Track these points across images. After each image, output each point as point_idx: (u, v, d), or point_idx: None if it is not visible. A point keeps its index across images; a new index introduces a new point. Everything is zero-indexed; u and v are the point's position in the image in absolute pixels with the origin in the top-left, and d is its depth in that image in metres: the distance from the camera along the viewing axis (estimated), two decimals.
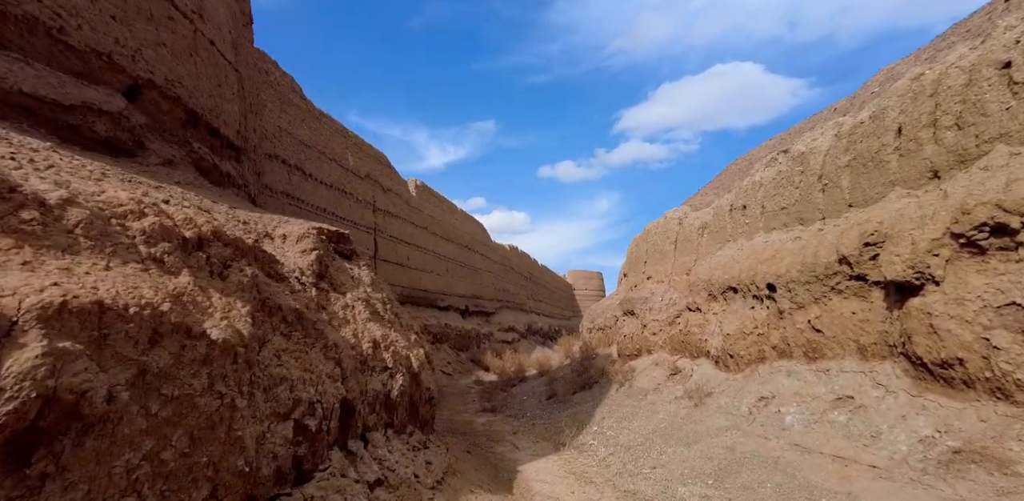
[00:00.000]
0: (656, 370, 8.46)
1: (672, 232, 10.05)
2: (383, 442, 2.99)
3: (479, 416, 9.07)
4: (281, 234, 3.21)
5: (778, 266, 6.10)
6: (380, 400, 3.13)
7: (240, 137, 4.06)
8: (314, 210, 10.66)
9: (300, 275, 2.90)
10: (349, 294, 3.41)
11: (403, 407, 3.38)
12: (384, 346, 3.37)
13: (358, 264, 4.04)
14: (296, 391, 2.37)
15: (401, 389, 3.34)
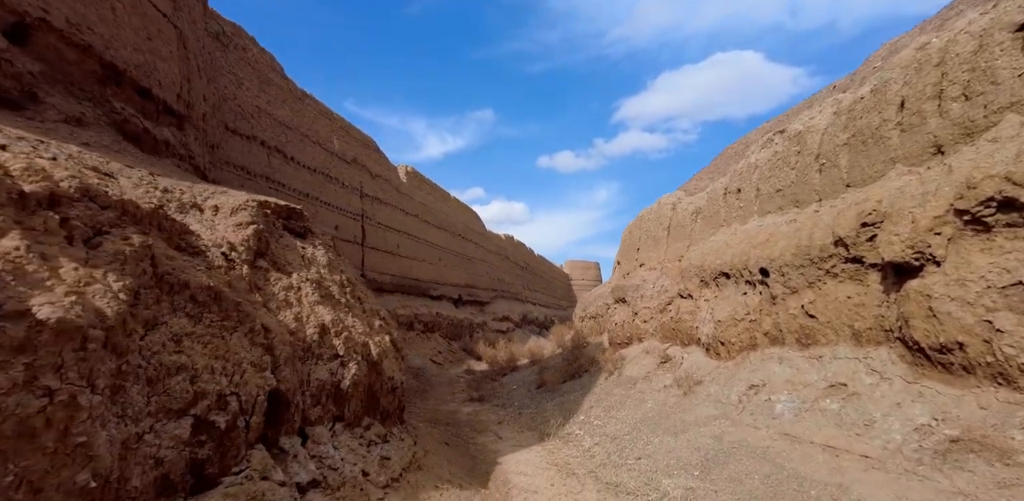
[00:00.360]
0: (646, 358, 8.28)
1: (665, 218, 9.80)
2: (328, 437, 2.74)
3: (465, 406, 8.89)
4: (212, 205, 2.90)
5: (771, 250, 5.86)
6: (327, 391, 2.91)
7: (182, 103, 3.73)
8: (296, 194, 10.33)
9: (229, 251, 2.60)
10: (296, 274, 3.12)
11: (357, 398, 3.13)
12: (335, 332, 3.11)
13: (313, 243, 3.75)
14: (200, 382, 2.07)
15: (355, 378, 3.08)
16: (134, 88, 3.38)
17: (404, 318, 14.32)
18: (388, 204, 15.08)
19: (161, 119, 3.52)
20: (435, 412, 7.96)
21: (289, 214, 3.61)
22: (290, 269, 3.13)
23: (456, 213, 21.95)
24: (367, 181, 13.85)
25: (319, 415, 2.77)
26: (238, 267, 2.59)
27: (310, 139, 11.08)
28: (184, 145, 3.70)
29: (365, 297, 4.27)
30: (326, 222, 11.49)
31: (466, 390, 9.85)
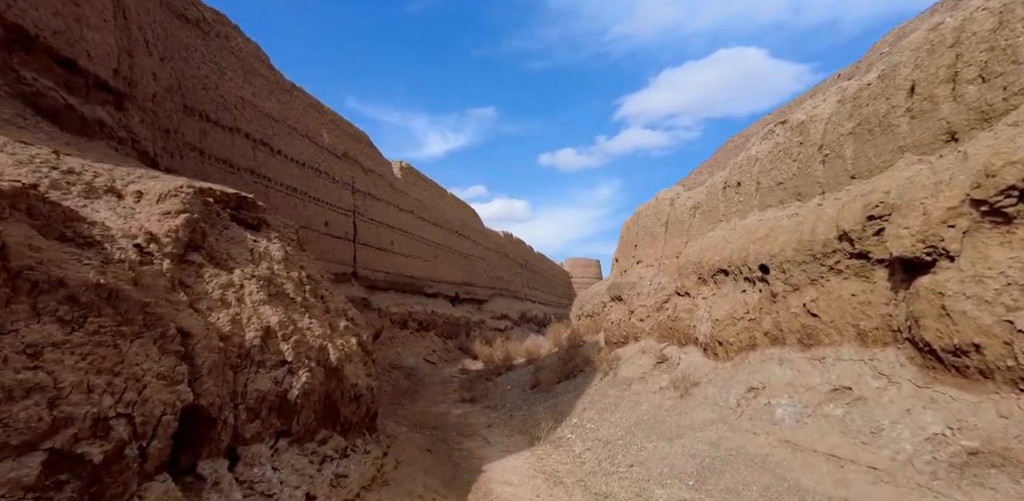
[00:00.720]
0: (642, 358, 8.01)
1: (663, 213, 9.50)
2: (267, 457, 2.43)
3: (456, 407, 8.63)
4: (135, 191, 2.59)
5: (772, 245, 5.57)
6: (269, 403, 2.58)
7: (122, 79, 3.42)
8: (283, 189, 10.06)
9: (147, 243, 2.29)
10: (240, 271, 2.81)
11: (310, 409, 2.82)
12: (283, 335, 2.80)
13: (268, 236, 3.45)
14: (65, 405, 1.66)
15: (306, 387, 2.77)
16: (52, 57, 3.05)
17: (397, 316, 14.07)
18: (382, 200, 14.80)
19: (92, 96, 3.22)
20: (423, 415, 7.70)
21: (239, 203, 3.30)
22: (232, 265, 2.84)
23: (453, 210, 21.66)
24: (359, 176, 13.57)
25: (257, 431, 2.46)
26: (157, 261, 2.29)
27: (298, 132, 10.80)
28: (125, 127, 3.40)
29: (330, 296, 3.99)
30: (315, 218, 11.22)
31: (458, 390, 9.60)
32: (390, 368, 11.32)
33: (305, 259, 3.91)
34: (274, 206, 9.74)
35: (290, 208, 10.28)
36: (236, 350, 2.44)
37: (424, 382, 11.27)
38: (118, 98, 3.37)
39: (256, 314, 2.68)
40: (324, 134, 11.93)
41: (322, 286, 3.90)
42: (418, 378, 11.48)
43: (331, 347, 3.20)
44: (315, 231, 11.18)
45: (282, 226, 3.96)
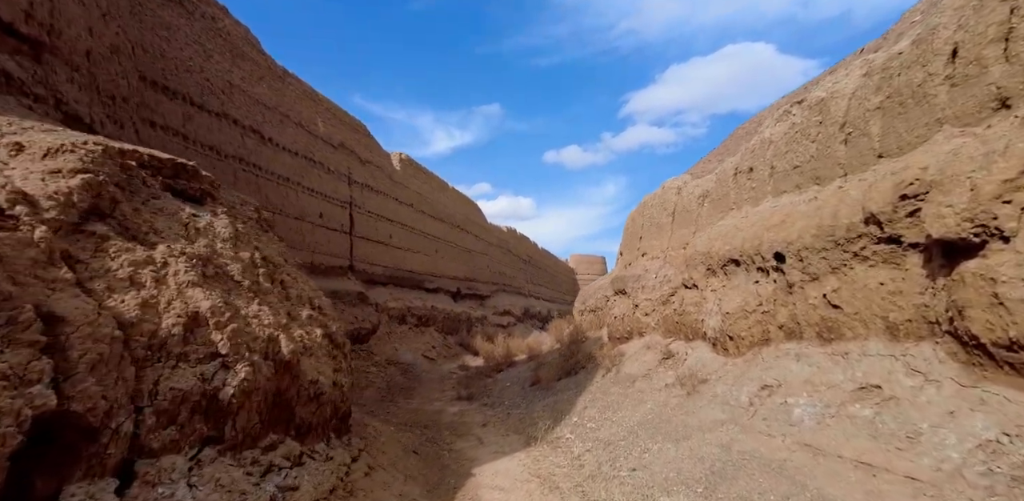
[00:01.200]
0: (647, 354, 7.60)
1: (670, 203, 9.06)
2: (183, 471, 2.00)
3: (452, 405, 8.28)
4: (13, 143, 2.17)
5: (788, 232, 5.13)
6: (192, 404, 2.15)
7: (37, 25, 3.00)
8: (274, 179, 9.72)
9: (11, 204, 1.84)
10: (163, 247, 2.41)
11: (251, 410, 2.41)
12: (217, 323, 2.40)
13: (215, 211, 3.05)
14: None
15: (246, 385, 2.35)
16: None
17: (395, 311, 13.73)
18: (380, 192, 14.44)
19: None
20: (417, 413, 7.35)
21: (176, 172, 2.88)
22: (155, 240, 2.44)
23: (455, 204, 21.28)
24: (356, 167, 13.21)
25: (172, 440, 2.04)
26: (24, 229, 1.88)
27: (291, 120, 10.45)
28: (44, 83, 3.01)
29: (293, 282, 3.62)
30: (309, 209, 10.88)
31: (456, 388, 9.24)
32: (386, 364, 10.99)
33: (265, 240, 3.53)
34: (265, 195, 9.41)
35: (282, 198, 9.94)
36: (144, 340, 2.05)
37: (421, 379, 10.93)
38: (35, 48, 2.98)
39: (181, 297, 2.28)
40: (319, 123, 11.58)
41: (283, 270, 3.52)
42: (415, 374, 11.14)
43: (285, 338, 2.81)
44: (309, 222, 10.85)
45: (237, 202, 3.58)
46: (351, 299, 11.46)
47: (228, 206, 3.27)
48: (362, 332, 11.04)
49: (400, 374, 10.75)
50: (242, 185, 8.64)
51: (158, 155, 2.82)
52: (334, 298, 10.96)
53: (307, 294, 3.82)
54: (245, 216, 3.52)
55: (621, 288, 9.26)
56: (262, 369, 2.51)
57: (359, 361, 10.16)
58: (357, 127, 13.55)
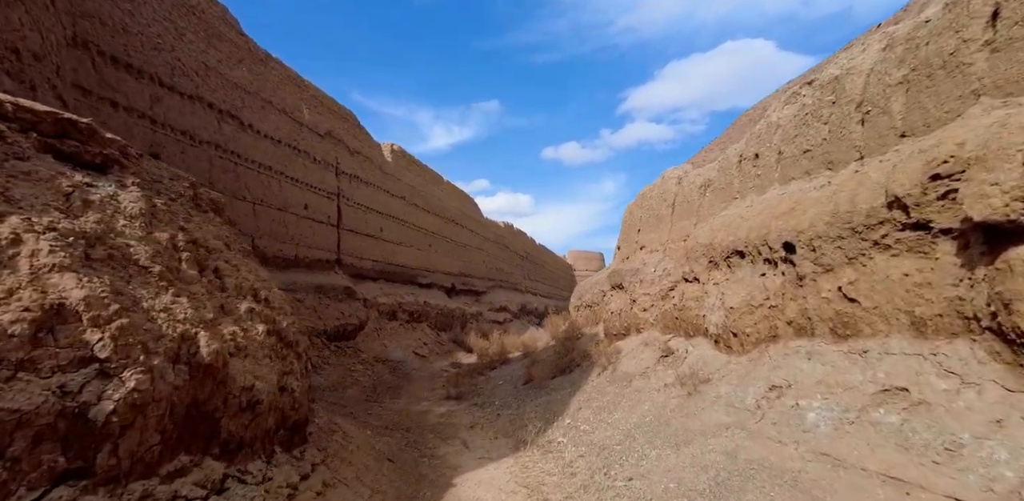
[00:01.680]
0: (645, 351, 7.21)
1: (670, 193, 8.64)
2: None
3: (440, 405, 7.88)
4: None
5: (799, 220, 4.73)
6: (38, 430, 1.65)
7: None
8: (255, 167, 9.25)
9: None
10: (16, 219, 1.90)
11: (146, 430, 1.85)
12: (91, 319, 1.91)
13: (122, 182, 2.57)
14: None
15: (134, 399, 1.87)
16: None
17: (386, 307, 13.31)
18: (370, 184, 13.97)
19: None
20: (401, 414, 6.95)
21: (60, 129, 2.33)
22: (8, 210, 1.98)
23: (449, 197, 20.81)
24: (344, 157, 12.73)
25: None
26: None
27: (274, 106, 9.96)
28: None
29: (232, 270, 3.16)
30: (293, 200, 10.41)
31: (446, 386, 8.84)
32: (374, 361, 10.58)
33: (199, 221, 3.06)
34: (244, 185, 8.95)
35: (264, 188, 9.48)
36: None
37: (411, 377, 10.53)
38: None
39: (36, 285, 1.81)
40: (304, 110, 11.09)
41: (219, 256, 3.05)
42: (404, 372, 10.74)
43: (206, 336, 2.35)
44: (293, 214, 10.39)
45: (166, 176, 3.10)
46: (337, 294, 11.03)
47: (147, 179, 2.80)
48: (348, 328, 10.62)
49: (388, 372, 10.35)
50: (219, 173, 8.18)
51: (31, 107, 2.33)
52: (319, 293, 10.53)
53: (250, 284, 3.37)
54: (173, 192, 3.06)
55: (618, 282, 8.86)
56: (166, 375, 2.06)
57: (344, 358, 9.75)
58: (346, 116, 13.06)
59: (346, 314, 10.80)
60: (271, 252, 9.52)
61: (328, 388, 7.60)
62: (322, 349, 9.35)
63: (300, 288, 9.96)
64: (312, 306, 9.84)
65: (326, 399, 6.85)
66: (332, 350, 9.66)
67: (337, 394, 7.41)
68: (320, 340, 9.54)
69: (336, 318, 10.38)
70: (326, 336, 9.84)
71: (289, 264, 10.23)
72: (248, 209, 9.00)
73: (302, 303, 9.60)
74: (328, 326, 9.98)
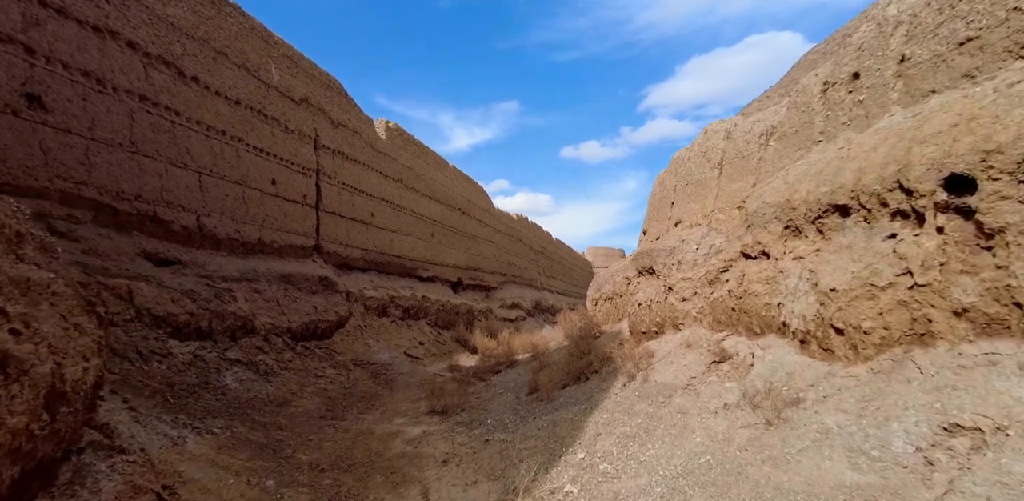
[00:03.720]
0: (688, 355, 5.28)
1: (715, 151, 6.68)
2: None
3: (417, 423, 6.11)
4: None
5: (980, 136, 2.76)
6: None
7: None
8: (202, 130, 7.64)
9: None
10: None
11: None
12: None
13: None
14: None
15: None
16: None
17: (375, 301, 11.64)
18: (358, 162, 12.33)
19: None
20: (356, 440, 5.20)
21: None
22: None
23: (456, 184, 19.09)
24: (326, 130, 11.10)
25: None
26: None
27: (230, 60, 8.35)
28: None
29: None
30: (255, 173, 8.79)
31: (432, 396, 7.05)
32: (352, 365, 8.89)
33: None
34: (185, 149, 7.35)
35: (213, 156, 7.87)
36: None
37: (395, 383, 8.80)
38: None
39: None
40: (272, 70, 9.47)
41: None
42: (389, 378, 9.01)
43: None
44: (256, 190, 8.78)
45: None
46: (311, 285, 9.38)
47: None
48: (322, 325, 8.95)
49: (368, 378, 8.64)
50: (145, 132, 6.59)
51: None
52: (286, 283, 8.90)
53: None
54: None
55: (647, 266, 6.92)
56: None
57: (311, 362, 8.08)
58: (329, 83, 11.43)
59: (320, 309, 9.14)
60: (224, 233, 7.92)
61: (269, 401, 5.91)
62: (282, 350, 7.70)
63: (262, 277, 8.34)
64: (274, 298, 8.20)
65: (256, 417, 5.16)
66: (296, 351, 8.00)
67: (279, 410, 5.73)
68: (282, 339, 7.89)
69: (306, 313, 8.72)
70: (290, 334, 8.19)
71: (251, 249, 8.62)
72: (191, 180, 7.41)
73: (260, 295, 7.97)
74: (294, 322, 8.33)
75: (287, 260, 9.49)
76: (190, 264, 7.14)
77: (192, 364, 5.76)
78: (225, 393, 5.63)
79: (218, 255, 7.89)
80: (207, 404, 4.93)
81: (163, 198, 6.85)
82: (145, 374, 4.86)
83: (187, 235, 7.31)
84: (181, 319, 6.00)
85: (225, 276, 7.58)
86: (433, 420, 6.32)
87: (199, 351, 6.07)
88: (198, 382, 5.48)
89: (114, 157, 6.09)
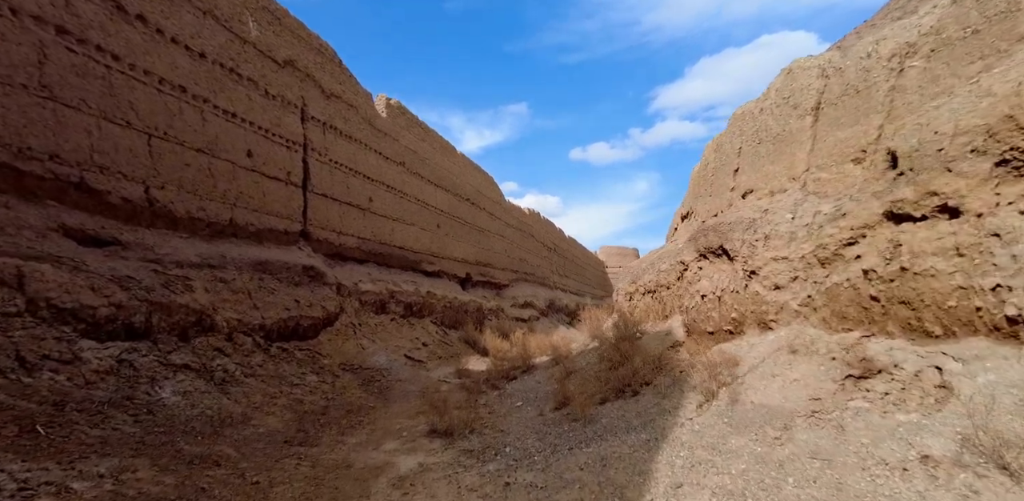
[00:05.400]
0: (798, 364, 3.67)
1: (807, 94, 5.06)
2: None
3: (412, 449, 4.59)
4: None
5: None
6: None
7: None
8: (152, 83, 6.21)
9: None
10: None
11: None
12: None
13: None
14: None
15: None
16: None
17: (371, 296, 10.17)
18: (354, 140, 10.87)
19: None
20: (327, 477, 3.68)
21: None
22: None
23: (464, 172, 17.60)
24: (316, 99, 9.65)
25: None
26: None
27: (195, 6, 6.93)
28: None
29: None
30: (225, 140, 7.36)
31: (433, 411, 5.51)
32: (340, 370, 7.40)
33: None
34: (128, 103, 5.92)
35: (169, 115, 6.44)
36: None
37: (391, 393, 7.29)
38: None
39: None
40: (250, 23, 8.05)
41: None
42: (384, 385, 7.51)
43: None
44: (227, 161, 7.34)
45: None
46: (293, 276, 7.92)
47: None
48: (303, 323, 7.47)
49: (358, 386, 7.14)
50: (65, 74, 5.16)
51: None
52: (262, 272, 7.45)
53: None
54: None
55: (714, 245, 5.29)
56: None
57: (288, 367, 6.59)
58: (319, 47, 9.99)
59: (303, 303, 7.67)
60: (183, 210, 6.48)
61: (220, 421, 4.43)
62: (251, 353, 6.23)
63: (231, 264, 6.89)
64: (244, 290, 6.73)
65: (186, 446, 3.66)
66: (270, 354, 6.53)
67: (228, 434, 4.24)
68: (251, 339, 6.42)
69: (285, 308, 7.25)
70: (263, 333, 6.71)
71: (220, 231, 7.18)
72: (137, 142, 5.98)
73: (226, 285, 6.51)
74: (269, 319, 6.86)
75: (266, 246, 8.03)
76: (133, 246, 5.71)
77: (113, 373, 4.30)
78: (153, 411, 4.15)
79: (175, 236, 6.45)
80: (109, 433, 3.45)
81: (94, 161, 5.42)
82: (20, 391, 3.39)
83: (131, 210, 5.87)
84: (101, 313, 4.54)
85: (180, 261, 6.13)
86: (434, 445, 4.78)
87: (127, 355, 4.61)
88: (114, 398, 4.01)
89: (12, 101, 4.66)
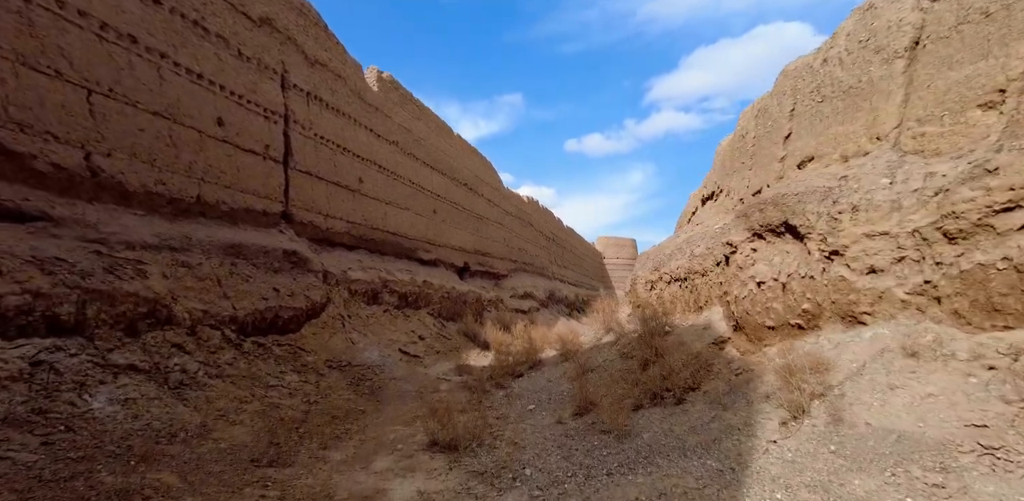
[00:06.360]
0: (931, 373, 2.78)
1: (900, 31, 4.11)
2: None
3: (409, 468, 3.70)
4: None
5: None
6: None
7: None
8: (92, 29, 5.13)
9: None
10: None
11: None
12: None
13: None
14: None
15: None
16: None
17: (362, 285, 9.22)
18: (342, 114, 9.82)
19: None
20: None
21: None
22: None
23: (462, 155, 16.56)
24: (297, 65, 8.58)
25: None
26: None
27: None
28: None
29: None
30: (191, 105, 6.32)
31: (433, 417, 4.60)
32: (326, 367, 6.48)
33: None
34: (59, 48, 4.88)
35: (116, 69, 5.40)
36: None
37: (383, 393, 6.39)
38: None
39: None
40: None
41: None
42: (376, 385, 6.61)
43: None
44: (193, 129, 6.30)
45: None
46: (272, 261, 6.94)
47: None
48: (283, 315, 6.52)
49: (347, 386, 6.22)
50: None
51: None
52: (235, 257, 6.46)
53: None
54: None
55: (776, 221, 4.36)
56: None
57: (264, 365, 5.66)
58: (301, 7, 8.88)
59: (284, 292, 6.71)
60: (137, 183, 5.47)
61: (168, 435, 3.52)
62: (218, 349, 5.29)
63: (196, 247, 5.91)
64: (212, 276, 5.76)
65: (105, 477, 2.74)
66: (242, 350, 5.60)
67: (177, 453, 3.33)
68: (220, 333, 5.47)
69: (262, 298, 6.30)
70: (234, 326, 5.76)
71: (185, 209, 6.18)
72: (72, 97, 4.95)
73: (190, 271, 5.54)
74: (242, 310, 5.89)
75: (241, 228, 7.03)
76: (69, 222, 4.71)
77: (22, 378, 3.35)
78: (74, 428, 3.22)
79: (126, 213, 5.45)
80: None
81: (10, 116, 4.39)
82: None
83: (66, 179, 4.86)
84: (10, 302, 3.57)
85: (132, 242, 5.14)
86: (435, 463, 3.89)
87: (47, 355, 3.65)
88: (17, 412, 3.07)
89: None
